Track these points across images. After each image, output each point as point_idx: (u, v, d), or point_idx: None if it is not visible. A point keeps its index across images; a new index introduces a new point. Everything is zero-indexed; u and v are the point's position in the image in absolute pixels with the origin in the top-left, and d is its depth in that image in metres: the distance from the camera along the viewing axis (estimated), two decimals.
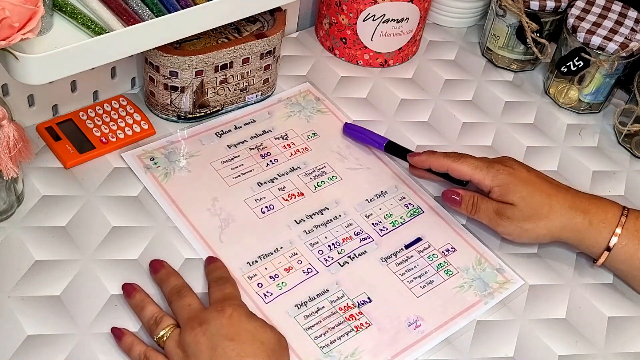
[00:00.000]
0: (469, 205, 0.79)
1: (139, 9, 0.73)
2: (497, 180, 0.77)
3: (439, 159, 0.80)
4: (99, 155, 0.82)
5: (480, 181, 0.78)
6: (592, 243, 0.76)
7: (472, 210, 0.79)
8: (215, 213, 0.78)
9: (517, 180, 0.77)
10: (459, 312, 0.74)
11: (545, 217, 0.75)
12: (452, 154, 0.80)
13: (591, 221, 0.75)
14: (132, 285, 0.69)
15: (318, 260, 0.76)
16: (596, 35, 0.92)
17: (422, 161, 0.82)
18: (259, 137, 0.88)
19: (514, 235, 0.77)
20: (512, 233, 0.77)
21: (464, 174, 0.79)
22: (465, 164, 0.79)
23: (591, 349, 0.74)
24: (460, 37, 1.09)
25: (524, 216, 0.76)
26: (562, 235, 0.76)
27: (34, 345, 0.65)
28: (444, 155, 0.80)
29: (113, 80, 0.87)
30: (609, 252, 0.75)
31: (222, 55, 0.83)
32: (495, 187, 0.77)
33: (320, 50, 1.02)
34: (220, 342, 0.61)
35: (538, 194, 0.76)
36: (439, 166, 0.81)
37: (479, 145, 0.92)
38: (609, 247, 0.75)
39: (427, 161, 0.82)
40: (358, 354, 0.69)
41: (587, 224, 0.75)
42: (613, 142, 0.97)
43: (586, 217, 0.75)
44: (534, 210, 0.75)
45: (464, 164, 0.79)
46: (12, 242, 0.72)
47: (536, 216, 0.75)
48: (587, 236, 0.76)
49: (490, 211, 0.77)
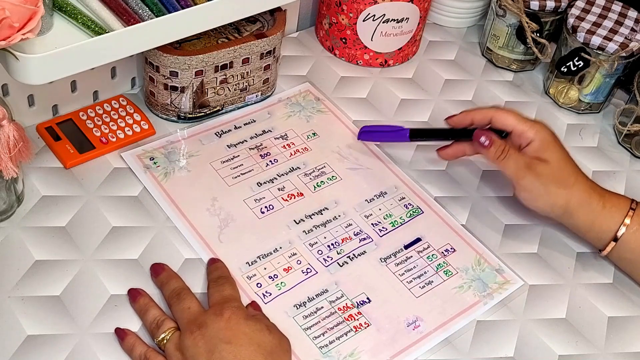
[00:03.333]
0: (499, 151, 0.76)
1: (139, 9, 0.73)
2: (540, 134, 0.76)
3: (482, 111, 0.80)
4: (99, 155, 0.82)
5: (523, 132, 0.77)
6: (602, 228, 0.76)
7: (501, 156, 0.76)
8: (215, 213, 0.78)
9: (556, 141, 0.77)
10: (458, 312, 0.74)
11: (569, 187, 0.76)
12: (493, 106, 0.80)
13: (605, 205, 0.76)
14: (138, 290, 0.70)
15: (317, 260, 0.76)
16: (596, 35, 0.92)
17: (462, 118, 0.81)
18: (259, 137, 0.88)
19: (533, 193, 0.76)
20: (533, 191, 0.76)
21: (508, 124, 0.78)
22: (510, 113, 0.78)
23: (591, 349, 0.74)
24: (460, 37, 1.09)
25: (553, 177, 0.75)
26: (576, 213, 0.76)
27: (34, 345, 0.65)
28: (486, 107, 0.80)
29: (113, 80, 0.87)
30: (615, 243, 0.76)
31: (222, 55, 0.83)
32: (536, 140, 0.76)
33: (320, 50, 1.02)
34: (218, 345, 0.61)
35: (571, 164, 0.77)
36: (482, 118, 0.79)
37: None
38: (616, 237, 0.75)
39: (468, 116, 0.81)
40: (357, 354, 0.69)
41: (600, 207, 0.76)
42: (613, 142, 0.97)
43: (601, 200, 0.76)
44: (563, 176, 0.75)
45: (510, 114, 0.78)
46: (12, 242, 0.72)
47: (563, 183, 0.75)
48: (599, 218, 0.76)
49: (520, 162, 0.76)
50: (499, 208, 0.85)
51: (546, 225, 0.84)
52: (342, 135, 0.90)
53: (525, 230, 0.83)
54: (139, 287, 0.70)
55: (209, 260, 0.74)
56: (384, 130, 0.87)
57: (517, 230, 0.83)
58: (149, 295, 0.69)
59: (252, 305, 0.71)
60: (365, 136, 0.88)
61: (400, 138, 0.85)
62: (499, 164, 0.77)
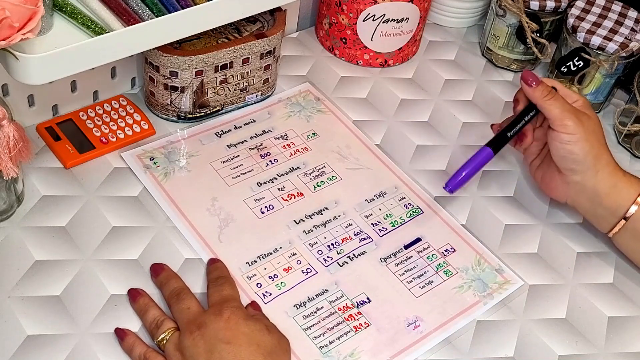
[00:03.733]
0: (545, 91, 0.77)
1: (139, 9, 0.73)
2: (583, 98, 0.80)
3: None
4: (99, 155, 0.82)
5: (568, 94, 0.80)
6: (621, 194, 0.76)
7: (548, 96, 0.77)
8: (215, 213, 0.78)
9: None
10: (458, 312, 0.74)
11: (603, 145, 0.77)
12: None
13: (625, 174, 0.77)
14: (137, 290, 0.70)
15: (317, 260, 0.76)
16: (596, 35, 0.92)
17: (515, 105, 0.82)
18: (259, 137, 0.88)
19: (575, 136, 0.76)
20: (575, 133, 0.75)
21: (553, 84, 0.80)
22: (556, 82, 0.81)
23: (591, 349, 0.74)
24: (460, 37, 1.09)
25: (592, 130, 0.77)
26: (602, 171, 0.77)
27: (34, 345, 0.65)
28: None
29: (113, 80, 0.87)
30: (625, 221, 0.76)
31: (222, 55, 0.83)
32: (580, 100, 0.79)
33: (320, 50, 1.02)
34: (217, 346, 0.61)
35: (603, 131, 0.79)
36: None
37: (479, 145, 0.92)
38: (626, 217, 0.76)
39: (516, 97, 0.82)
40: (357, 354, 0.69)
41: (622, 174, 0.77)
42: (613, 142, 0.97)
43: (621, 171, 0.78)
44: (599, 134, 0.77)
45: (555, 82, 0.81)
46: (12, 242, 0.72)
47: (598, 139, 0.77)
48: (619, 184, 0.76)
49: (566, 105, 0.77)
50: (499, 208, 0.85)
51: (546, 225, 0.84)
52: (342, 135, 0.90)
53: (525, 230, 0.83)
54: (139, 287, 0.70)
55: (208, 260, 0.74)
56: (467, 166, 0.78)
57: (517, 230, 0.83)
58: (149, 296, 0.69)
59: (252, 305, 0.71)
60: (454, 184, 0.78)
61: (483, 156, 0.78)
62: (545, 104, 0.77)
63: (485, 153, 0.78)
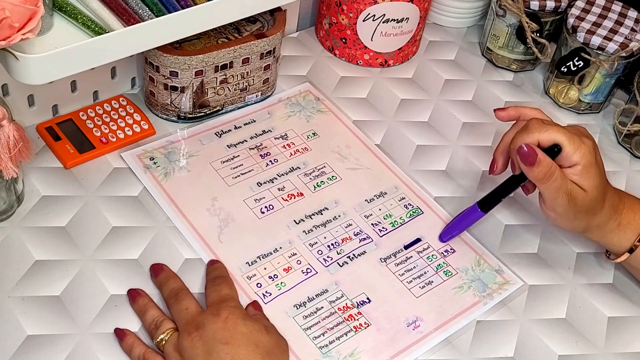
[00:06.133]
0: (545, 173, 0.69)
1: (139, 9, 0.73)
2: (585, 159, 0.70)
3: (532, 111, 0.76)
4: (99, 155, 0.82)
5: (568, 155, 0.71)
6: (615, 243, 0.75)
7: (546, 179, 0.70)
8: (215, 213, 0.78)
9: (597, 163, 0.72)
10: (458, 312, 0.74)
11: (596, 213, 0.73)
12: (537, 108, 0.76)
13: (620, 222, 0.74)
14: (137, 290, 0.70)
15: (317, 260, 0.76)
16: (596, 35, 0.92)
17: (511, 112, 0.77)
18: (259, 137, 0.88)
19: (562, 216, 0.72)
20: (563, 214, 0.72)
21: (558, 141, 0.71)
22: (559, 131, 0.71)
23: (591, 349, 0.74)
24: (460, 37, 1.09)
25: (586, 207, 0.71)
26: (591, 232, 0.74)
27: (34, 345, 0.65)
28: (534, 108, 0.76)
29: (113, 80, 0.87)
30: (630, 254, 0.75)
31: (222, 55, 0.83)
32: (580, 164, 0.70)
33: (320, 50, 1.02)
34: (215, 346, 0.61)
35: (603, 188, 0.72)
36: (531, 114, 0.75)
37: (479, 145, 0.92)
38: (632, 248, 0.74)
39: (518, 111, 0.76)
40: (357, 354, 0.69)
41: (616, 225, 0.74)
42: (613, 142, 0.97)
43: (617, 218, 0.74)
44: (594, 205, 0.72)
45: (558, 131, 0.71)
46: (12, 242, 0.72)
47: (592, 210, 0.72)
48: (613, 236, 0.74)
49: (563, 187, 0.70)
50: (499, 208, 0.85)
51: (546, 225, 0.84)
52: (342, 135, 0.90)
53: (525, 230, 0.83)
54: (139, 288, 0.70)
55: (208, 262, 0.74)
56: (458, 220, 0.80)
57: (517, 230, 0.83)
58: (149, 296, 0.69)
59: (253, 305, 0.71)
60: (447, 236, 0.80)
61: (474, 216, 0.78)
62: (541, 186, 0.71)
63: (476, 214, 0.77)
